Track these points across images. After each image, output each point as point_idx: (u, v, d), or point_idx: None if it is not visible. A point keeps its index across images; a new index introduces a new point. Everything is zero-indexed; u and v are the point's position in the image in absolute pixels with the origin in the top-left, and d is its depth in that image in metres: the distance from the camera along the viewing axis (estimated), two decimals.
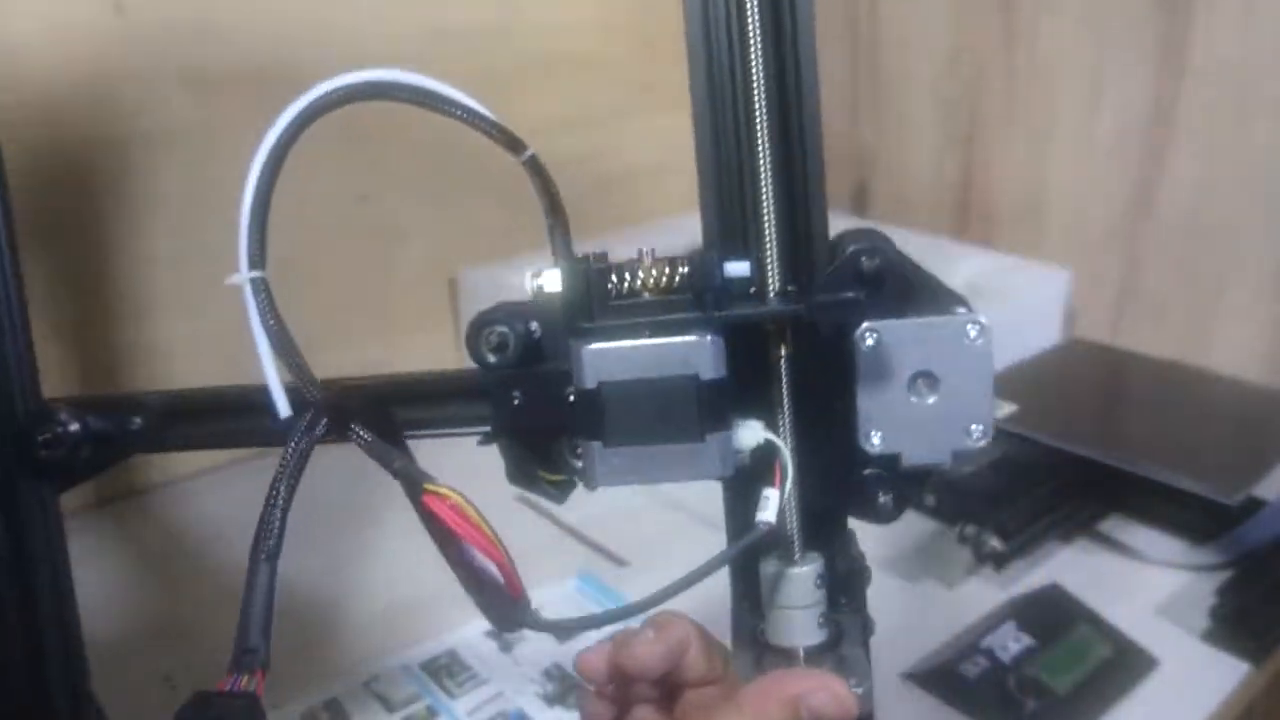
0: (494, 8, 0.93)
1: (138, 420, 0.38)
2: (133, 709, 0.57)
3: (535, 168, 0.37)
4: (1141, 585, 0.66)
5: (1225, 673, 0.59)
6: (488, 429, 0.35)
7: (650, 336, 0.30)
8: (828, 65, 1.31)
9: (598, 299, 0.31)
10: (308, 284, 0.87)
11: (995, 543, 0.65)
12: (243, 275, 0.34)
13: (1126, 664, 0.59)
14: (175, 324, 0.79)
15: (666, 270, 0.30)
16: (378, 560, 0.60)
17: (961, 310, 0.32)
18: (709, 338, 0.30)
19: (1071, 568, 0.68)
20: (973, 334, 0.31)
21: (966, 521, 0.67)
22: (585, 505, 0.82)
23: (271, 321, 0.33)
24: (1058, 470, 0.72)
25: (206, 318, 0.81)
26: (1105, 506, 0.73)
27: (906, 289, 0.32)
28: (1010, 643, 0.58)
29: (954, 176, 1.09)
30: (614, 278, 0.31)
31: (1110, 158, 0.96)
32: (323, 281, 0.87)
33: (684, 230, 1.15)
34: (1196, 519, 0.69)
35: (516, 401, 0.33)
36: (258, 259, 0.34)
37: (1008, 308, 0.86)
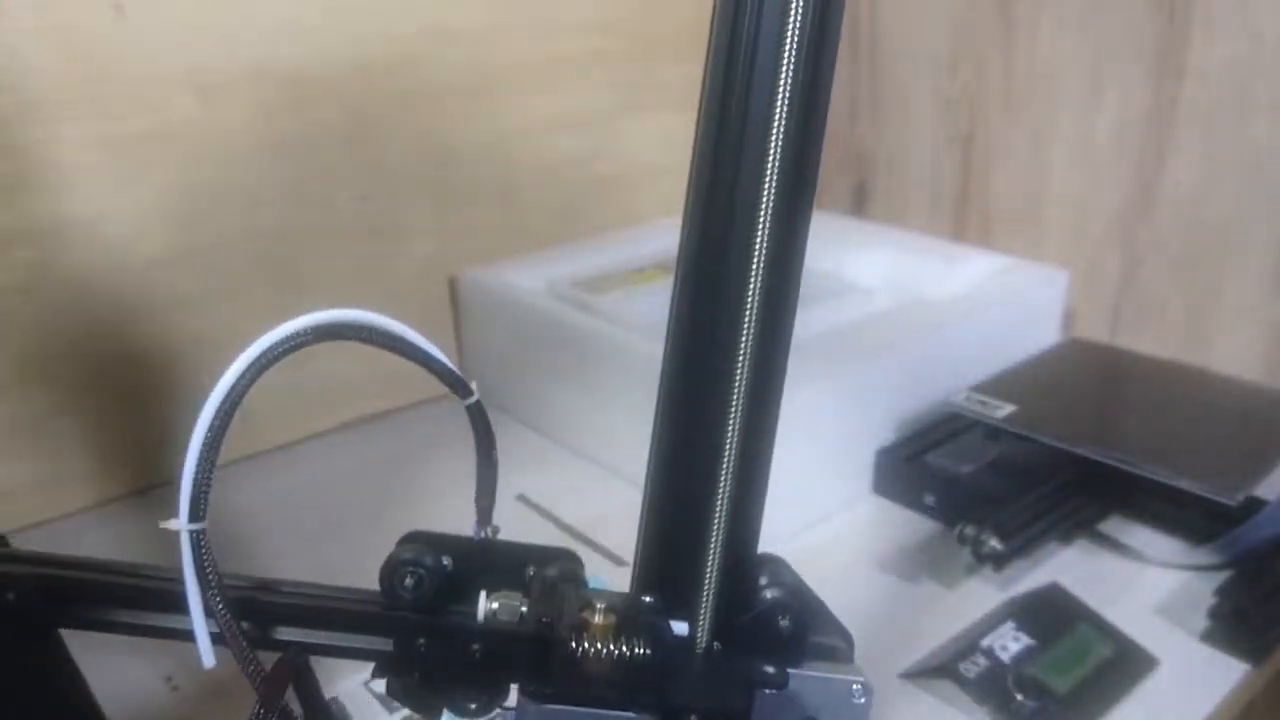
0: (494, 8, 0.93)
1: (10, 596, 0.36)
2: (133, 709, 0.57)
3: (478, 413, 0.40)
4: (1141, 585, 0.66)
5: (1225, 673, 0.59)
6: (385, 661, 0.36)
7: (595, 707, 0.33)
8: None
9: (556, 666, 0.32)
10: (308, 284, 0.87)
11: (995, 543, 0.65)
12: (181, 524, 0.33)
13: (1126, 664, 0.59)
14: (177, 324, 0.79)
15: (623, 648, 0.32)
16: (377, 561, 0.60)
17: (846, 652, 0.36)
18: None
19: (1071, 568, 0.68)
20: (857, 693, 0.35)
21: (966, 522, 0.67)
22: (585, 505, 0.82)
23: (210, 575, 0.33)
24: (1057, 470, 0.72)
25: (208, 318, 0.81)
26: (1105, 506, 0.73)
27: (806, 630, 0.36)
28: (1010, 642, 0.58)
29: (954, 176, 1.09)
30: (572, 644, 0.32)
31: (1110, 158, 0.96)
32: (323, 281, 0.87)
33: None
34: (1196, 519, 0.69)
35: (421, 647, 0.35)
36: (200, 511, 0.34)
37: (1007, 308, 0.86)
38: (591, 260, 0.94)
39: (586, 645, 0.32)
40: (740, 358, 0.33)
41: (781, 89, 0.30)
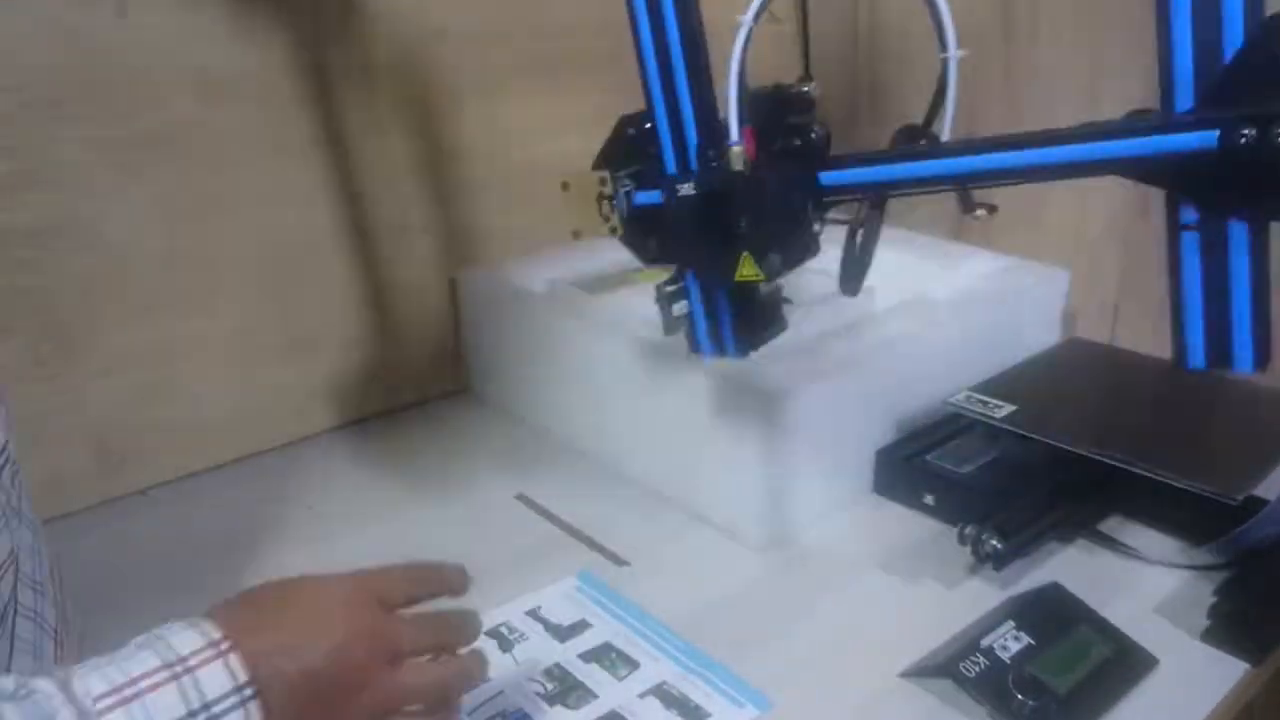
0: (494, 8, 0.93)
1: None
2: None
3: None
4: (1141, 585, 0.66)
5: (1224, 672, 0.59)
6: None
7: None
8: (828, 66, 1.31)
9: None
10: (309, 283, 0.87)
11: (995, 542, 0.65)
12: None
13: (1126, 663, 0.59)
14: (177, 324, 0.79)
15: None
16: (377, 561, 0.61)
17: None
18: None
19: (1071, 567, 0.68)
20: None
21: (966, 521, 0.67)
22: (585, 505, 0.82)
23: None
24: (1057, 470, 0.72)
25: (208, 318, 0.81)
26: (1105, 506, 0.73)
27: None
28: (1010, 642, 0.58)
29: None
30: None
31: None
32: (324, 281, 0.87)
33: None
34: (1196, 519, 0.69)
35: None
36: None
37: (1007, 307, 0.86)
38: (591, 260, 0.94)
39: None
40: None
41: None
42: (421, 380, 0.95)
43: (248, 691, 0.37)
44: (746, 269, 0.54)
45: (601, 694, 0.58)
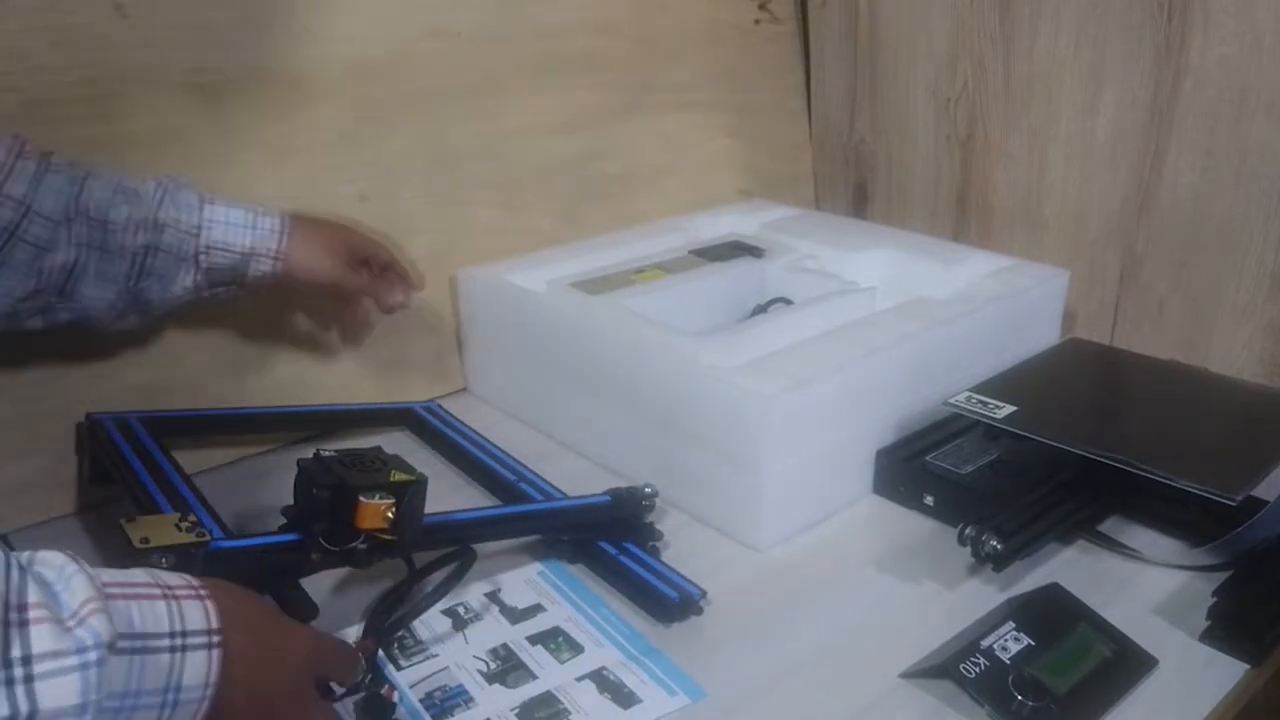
0: (494, 8, 0.93)
1: None
2: None
3: None
4: (1141, 585, 0.67)
5: (1224, 672, 0.59)
6: None
7: None
8: (828, 65, 1.31)
9: None
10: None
11: (995, 543, 0.65)
12: None
13: (1126, 664, 0.59)
14: (175, 323, 0.79)
15: None
16: None
17: None
18: None
19: (1071, 568, 0.68)
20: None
21: (966, 522, 0.67)
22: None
23: None
24: (1057, 470, 0.72)
25: (206, 318, 0.81)
26: (1105, 507, 0.73)
27: None
28: (1010, 643, 0.58)
29: (954, 176, 1.09)
30: None
31: (1109, 158, 0.96)
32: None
33: (684, 230, 1.14)
34: (1196, 519, 0.69)
35: None
36: None
37: (1007, 307, 0.86)
38: (591, 260, 0.94)
39: None
40: None
41: None
42: (421, 379, 0.95)
43: (216, 638, 0.41)
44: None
45: (541, 675, 0.59)
